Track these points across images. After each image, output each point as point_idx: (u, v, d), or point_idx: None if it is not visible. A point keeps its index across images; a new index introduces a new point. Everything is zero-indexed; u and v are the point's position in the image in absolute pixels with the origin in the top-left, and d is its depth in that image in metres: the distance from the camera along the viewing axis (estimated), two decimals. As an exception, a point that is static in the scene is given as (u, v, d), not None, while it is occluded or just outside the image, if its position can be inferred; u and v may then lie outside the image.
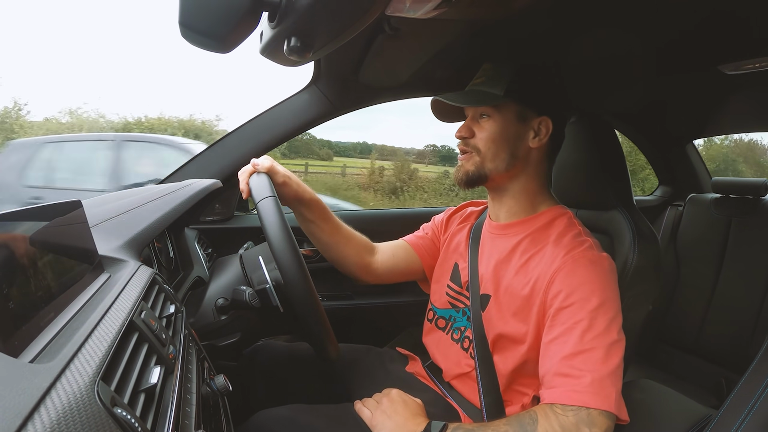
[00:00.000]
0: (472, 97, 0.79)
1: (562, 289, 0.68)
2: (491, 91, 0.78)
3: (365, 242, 0.99)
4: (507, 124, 0.78)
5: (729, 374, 1.45)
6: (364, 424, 0.76)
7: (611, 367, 0.62)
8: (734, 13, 0.78)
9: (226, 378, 0.63)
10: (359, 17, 0.48)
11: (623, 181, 1.06)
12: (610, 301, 0.67)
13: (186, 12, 0.43)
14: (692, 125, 1.71)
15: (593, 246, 0.73)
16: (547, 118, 0.79)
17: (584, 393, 0.61)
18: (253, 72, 38.12)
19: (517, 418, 0.63)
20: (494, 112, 0.79)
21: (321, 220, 0.91)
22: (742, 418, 0.58)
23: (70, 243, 0.53)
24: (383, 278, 0.99)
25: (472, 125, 0.81)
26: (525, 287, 0.74)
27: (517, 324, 0.75)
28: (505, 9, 0.71)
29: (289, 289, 0.70)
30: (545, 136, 0.80)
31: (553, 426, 0.60)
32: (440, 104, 0.84)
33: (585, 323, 0.65)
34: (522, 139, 0.79)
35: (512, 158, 0.79)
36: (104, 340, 0.40)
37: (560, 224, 0.78)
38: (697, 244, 1.60)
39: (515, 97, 0.77)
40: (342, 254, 0.94)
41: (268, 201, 0.74)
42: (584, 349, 0.63)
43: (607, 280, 0.69)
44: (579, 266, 0.69)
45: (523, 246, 0.79)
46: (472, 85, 0.82)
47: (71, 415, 0.29)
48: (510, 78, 0.77)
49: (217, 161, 1.26)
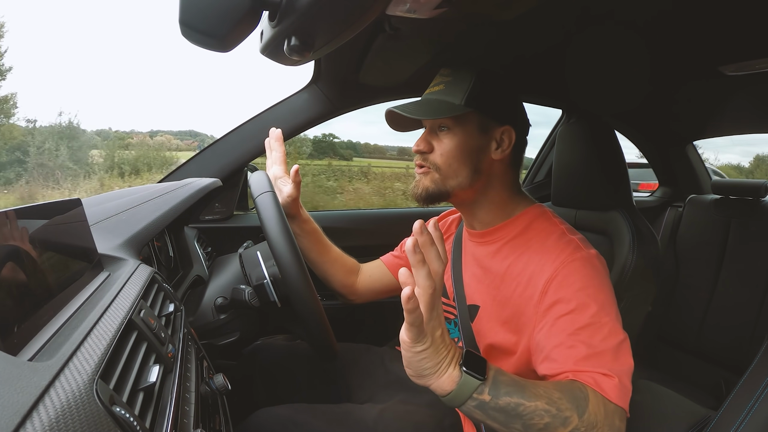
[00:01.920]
0: (429, 108, 0.73)
1: (558, 298, 0.64)
2: (450, 100, 0.72)
3: (351, 264, 1.01)
4: (468, 137, 0.73)
5: (728, 375, 1.45)
6: (363, 423, 0.76)
7: (626, 366, 0.60)
8: (735, 14, 0.77)
9: (225, 377, 0.63)
10: (359, 17, 0.48)
11: (623, 182, 1.06)
12: (609, 301, 0.65)
13: (186, 11, 0.43)
14: (692, 126, 1.71)
15: (580, 245, 0.69)
16: (510, 128, 0.74)
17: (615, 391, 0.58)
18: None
19: (569, 388, 0.56)
20: (454, 124, 0.73)
21: (312, 241, 0.95)
22: (741, 418, 0.58)
23: (70, 241, 0.53)
24: (364, 298, 1.02)
25: (430, 138, 0.75)
26: (512, 295, 0.71)
27: (506, 334, 0.72)
28: (505, 9, 0.71)
29: (287, 284, 0.70)
30: (508, 147, 0.74)
31: (599, 409, 0.55)
32: (395, 114, 0.76)
33: (590, 329, 0.61)
34: (484, 152, 0.74)
35: (475, 173, 0.74)
36: (103, 339, 0.40)
37: (539, 226, 0.74)
38: (697, 245, 1.60)
39: (476, 107, 0.71)
40: (328, 274, 0.97)
41: (266, 196, 0.74)
42: (595, 352, 0.60)
43: (601, 281, 0.66)
44: (571, 272, 0.66)
45: (504, 251, 0.75)
46: (429, 92, 0.76)
47: (70, 414, 0.29)
48: (470, 85, 0.72)
49: (216, 160, 1.26)
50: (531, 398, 0.53)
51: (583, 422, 0.54)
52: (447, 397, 0.53)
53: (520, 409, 0.53)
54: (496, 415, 0.53)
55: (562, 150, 1.09)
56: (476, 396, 0.53)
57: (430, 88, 0.77)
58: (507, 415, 0.53)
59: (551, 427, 0.53)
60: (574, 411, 0.54)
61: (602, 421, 0.55)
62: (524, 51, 1.01)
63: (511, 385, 0.54)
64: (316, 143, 12.48)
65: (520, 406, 0.53)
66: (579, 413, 0.54)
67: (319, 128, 13.24)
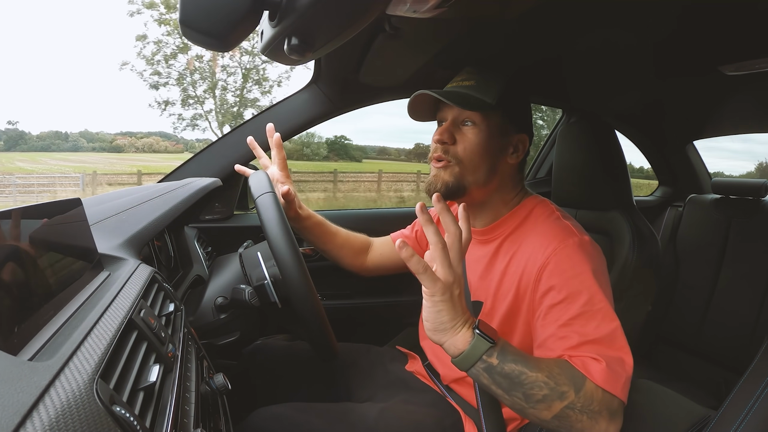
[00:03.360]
0: (463, 99, 0.74)
1: (551, 286, 0.66)
2: (483, 97, 0.74)
3: (360, 244, 1.06)
4: (490, 136, 0.75)
5: (728, 374, 1.45)
6: (364, 422, 0.76)
7: (620, 352, 0.61)
8: (735, 14, 0.77)
9: (225, 376, 0.63)
10: (359, 17, 0.48)
11: (623, 182, 1.06)
12: (602, 287, 0.65)
13: (187, 11, 0.43)
14: (693, 126, 1.71)
15: (573, 231, 0.70)
16: (525, 136, 0.78)
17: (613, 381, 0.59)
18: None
19: (568, 366, 0.59)
20: (481, 120, 0.74)
21: (317, 234, 1.00)
22: (741, 418, 0.58)
23: (70, 241, 0.53)
24: (374, 273, 1.08)
25: (453, 131, 0.76)
26: (510, 289, 0.73)
27: (509, 326, 0.74)
28: (506, 9, 0.70)
29: (287, 285, 0.70)
30: (522, 154, 0.78)
31: (596, 390, 0.57)
32: (416, 100, 0.77)
33: (582, 318, 0.62)
34: (502, 154, 0.77)
35: (491, 172, 0.76)
36: (103, 339, 0.40)
37: (537, 213, 0.76)
38: (697, 244, 1.60)
39: (505, 109, 0.75)
40: (337, 257, 1.04)
41: (267, 197, 0.74)
42: (588, 340, 0.61)
43: (594, 267, 0.66)
44: (563, 259, 0.67)
45: (505, 247, 0.77)
46: (458, 85, 0.77)
47: (70, 413, 0.29)
48: (502, 87, 0.74)
49: (217, 160, 1.26)
50: (533, 369, 0.57)
51: (579, 398, 0.56)
52: (459, 357, 0.57)
53: (523, 378, 0.56)
54: (501, 380, 0.57)
55: (562, 150, 1.10)
56: (486, 358, 0.56)
57: (457, 81, 0.78)
58: (511, 382, 0.56)
59: (549, 399, 0.56)
60: (571, 387, 0.57)
61: (599, 401, 0.57)
62: (524, 51, 1.01)
63: (517, 355, 0.58)
64: (330, 144, 12.57)
65: (522, 374, 0.56)
66: (575, 390, 0.57)
67: (329, 129, 13.09)
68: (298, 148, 16.40)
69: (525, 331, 0.73)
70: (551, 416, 0.56)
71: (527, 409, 0.57)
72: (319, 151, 11.95)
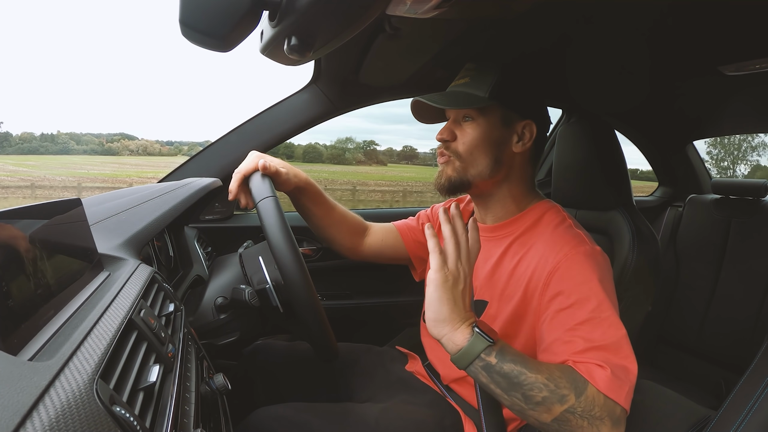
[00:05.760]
0: (455, 99, 0.75)
1: (560, 290, 0.66)
2: (475, 92, 0.75)
3: (356, 224, 1.00)
4: (490, 128, 0.75)
5: (728, 375, 1.45)
6: (364, 422, 0.76)
7: (625, 361, 0.60)
8: (735, 14, 0.77)
9: (225, 377, 0.63)
10: (359, 17, 0.48)
11: (623, 182, 1.06)
12: (609, 296, 0.65)
13: (186, 11, 0.43)
14: (693, 126, 1.71)
15: (585, 240, 0.71)
16: (531, 122, 0.77)
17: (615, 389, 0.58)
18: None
19: (570, 370, 0.58)
20: (478, 115, 0.76)
21: (313, 204, 0.93)
22: (741, 418, 0.58)
23: (70, 241, 0.53)
24: (367, 258, 1.02)
25: (454, 128, 0.78)
26: (517, 291, 0.72)
27: (512, 328, 0.74)
28: (505, 9, 0.71)
29: (289, 290, 0.70)
30: (529, 140, 0.77)
31: (598, 396, 0.57)
32: (420, 105, 0.80)
33: (589, 324, 0.62)
34: (506, 144, 0.77)
35: (496, 164, 0.76)
36: (103, 339, 0.40)
37: (548, 219, 0.76)
38: (697, 244, 1.60)
39: (500, 100, 0.74)
40: (331, 235, 0.97)
41: (268, 201, 0.74)
42: (594, 346, 0.61)
43: (602, 276, 0.67)
44: (573, 265, 0.67)
45: (514, 248, 0.77)
46: (454, 85, 0.79)
47: (70, 413, 0.29)
48: (494, 79, 0.74)
49: (217, 160, 1.26)
50: (533, 371, 0.57)
51: (580, 403, 0.56)
52: (457, 354, 0.58)
53: (522, 378, 0.56)
54: (500, 380, 0.57)
55: (562, 150, 1.09)
56: (484, 356, 0.57)
57: (456, 81, 0.79)
58: (510, 383, 0.57)
59: (548, 402, 0.56)
60: (572, 391, 0.56)
61: (601, 407, 0.56)
62: (524, 51, 1.01)
63: (517, 356, 0.58)
64: (360, 149, 12.63)
65: (522, 374, 0.56)
66: (576, 394, 0.56)
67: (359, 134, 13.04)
68: (339, 153, 16.26)
69: (529, 335, 0.73)
70: (551, 419, 0.56)
71: (527, 410, 0.57)
72: (345, 156, 12.06)
